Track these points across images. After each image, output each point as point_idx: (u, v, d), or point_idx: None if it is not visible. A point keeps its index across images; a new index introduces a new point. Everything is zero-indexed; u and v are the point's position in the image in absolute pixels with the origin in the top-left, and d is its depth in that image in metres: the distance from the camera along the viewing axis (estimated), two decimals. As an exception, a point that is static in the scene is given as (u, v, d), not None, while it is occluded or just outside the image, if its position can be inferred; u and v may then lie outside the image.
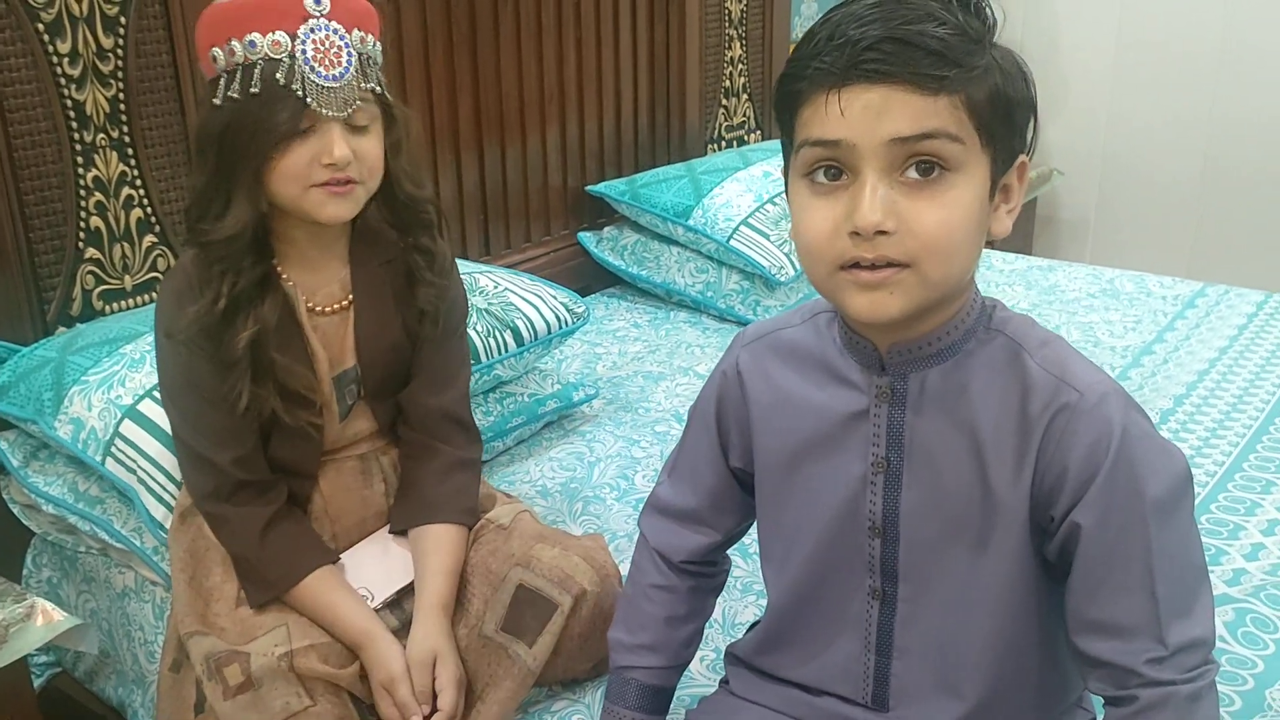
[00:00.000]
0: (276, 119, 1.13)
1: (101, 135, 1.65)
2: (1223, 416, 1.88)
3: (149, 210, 1.71)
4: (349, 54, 1.15)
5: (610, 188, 2.46)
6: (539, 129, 2.36)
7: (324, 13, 1.14)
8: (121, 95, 1.65)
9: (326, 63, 1.13)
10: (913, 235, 0.80)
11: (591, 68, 2.44)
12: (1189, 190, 3.34)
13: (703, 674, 1.28)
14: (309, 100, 1.13)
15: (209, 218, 1.18)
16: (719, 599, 1.18)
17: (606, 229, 2.53)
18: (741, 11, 2.80)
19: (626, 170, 2.59)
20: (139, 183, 1.70)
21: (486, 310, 1.74)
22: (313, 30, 1.13)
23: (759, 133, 2.96)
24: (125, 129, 1.67)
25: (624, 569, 1.45)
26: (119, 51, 1.64)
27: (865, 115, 0.79)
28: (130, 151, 1.68)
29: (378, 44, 1.21)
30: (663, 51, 2.61)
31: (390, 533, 1.34)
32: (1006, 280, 2.54)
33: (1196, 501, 1.62)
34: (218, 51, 1.15)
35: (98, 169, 1.65)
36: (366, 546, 1.34)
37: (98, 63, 1.62)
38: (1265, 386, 1.99)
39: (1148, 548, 0.84)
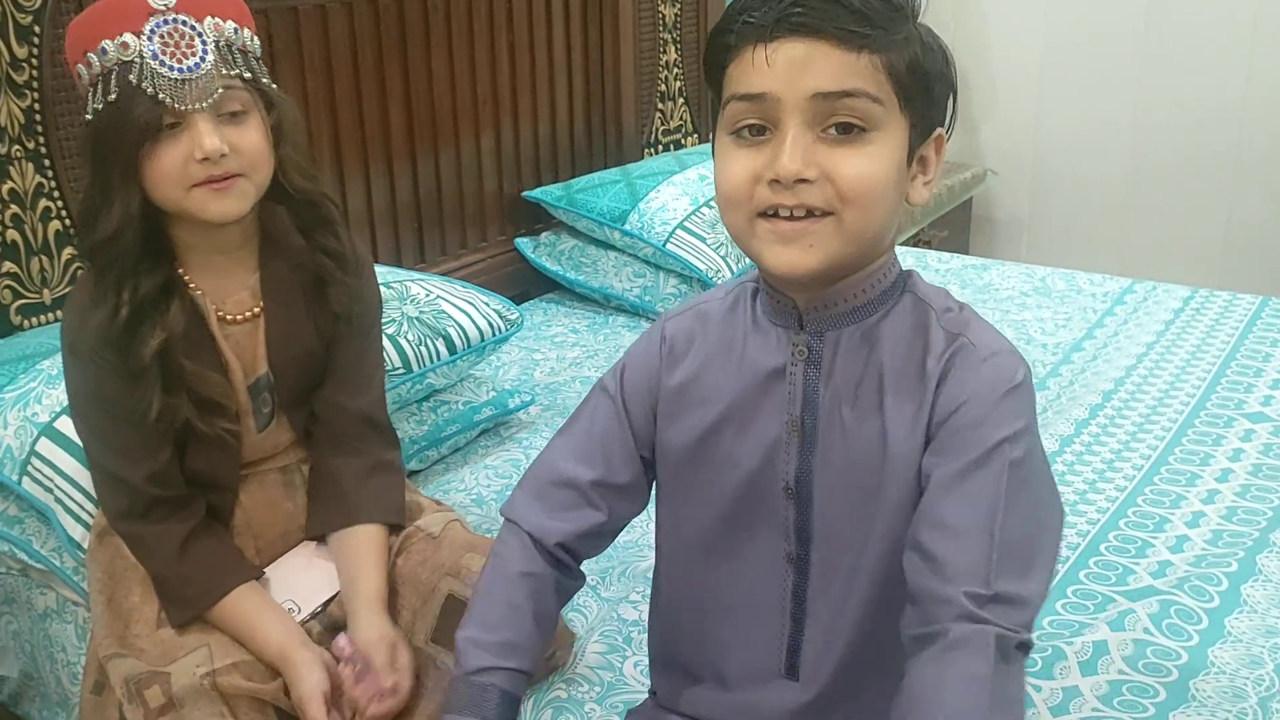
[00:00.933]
0: (135, 118, 1.11)
1: (17, 147, 1.61)
2: (1149, 411, 1.92)
3: (67, 223, 1.68)
4: (203, 43, 1.13)
5: (546, 193, 2.45)
6: (473, 135, 2.34)
7: (169, 6, 1.12)
8: (37, 106, 1.62)
9: (177, 55, 1.11)
10: (833, 183, 0.84)
11: (525, 73, 2.43)
12: (1117, 188, 3.40)
13: (636, 679, 1.28)
14: (161, 95, 1.11)
15: (93, 221, 1.16)
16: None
17: (544, 234, 2.52)
18: (675, 16, 2.80)
19: (563, 175, 2.58)
20: (56, 194, 1.66)
21: (418, 319, 1.72)
22: (158, 25, 1.11)
23: (695, 136, 2.97)
24: (41, 140, 1.63)
25: (558, 576, 1.44)
26: (33, 61, 1.61)
27: (790, 68, 0.82)
28: (47, 163, 1.65)
29: (245, 30, 1.18)
30: (597, 57, 2.61)
31: (308, 538, 1.32)
32: (943, 280, 2.57)
33: (1124, 495, 1.64)
34: (81, 67, 1.14)
35: (13, 181, 1.61)
36: (290, 559, 1.33)
37: (11, 73, 1.59)
38: (1190, 381, 2.03)
39: (999, 494, 0.85)
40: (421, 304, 1.75)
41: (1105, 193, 3.42)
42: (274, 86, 1.22)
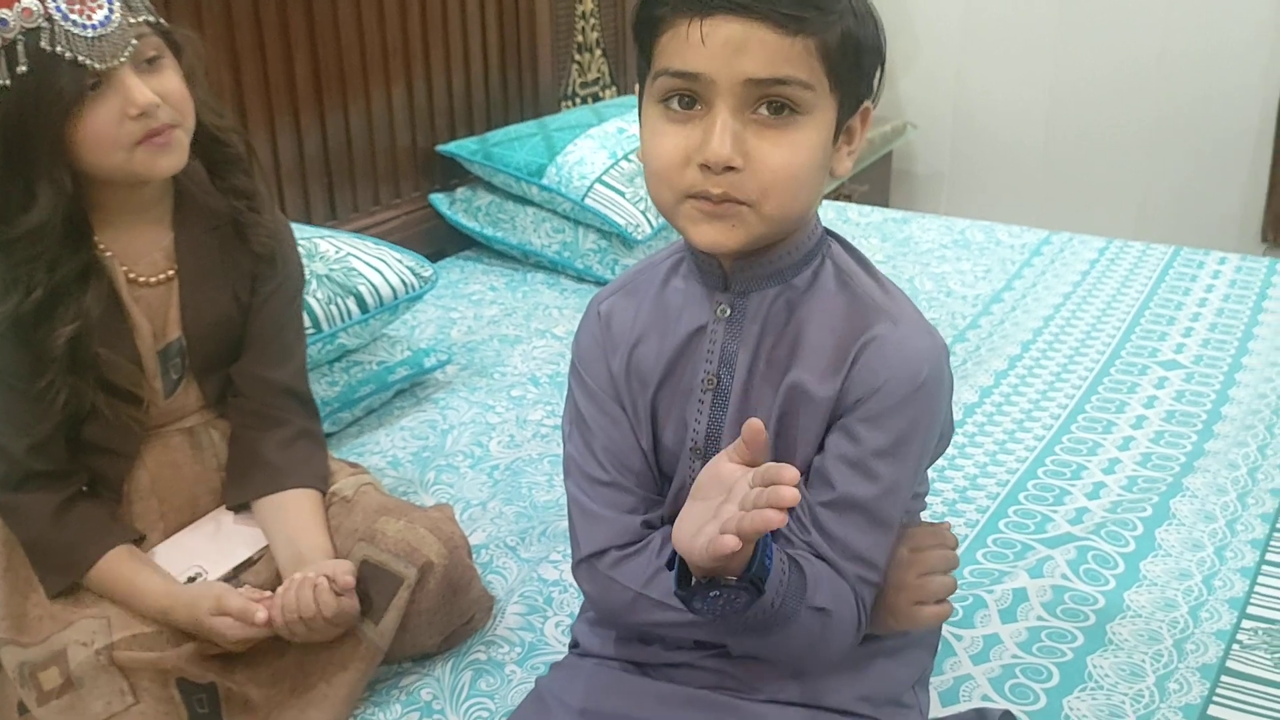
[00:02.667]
0: (57, 87, 1.04)
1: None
2: (1066, 361, 1.93)
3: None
4: None
5: (461, 147, 2.38)
6: (384, 87, 2.27)
7: None
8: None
9: (85, 11, 1.05)
10: (757, 175, 0.83)
11: (437, 23, 2.35)
12: (1037, 141, 3.43)
13: (558, 639, 1.26)
14: (80, 57, 1.04)
15: (10, 214, 1.08)
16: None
17: (459, 190, 2.45)
18: (592, -35, 2.74)
19: (478, 129, 2.52)
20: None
21: (327, 276, 1.66)
22: None
23: (614, 89, 2.91)
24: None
25: (477, 538, 1.41)
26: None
27: (725, 50, 0.81)
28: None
29: None
30: (511, 6, 2.53)
31: (228, 509, 1.27)
32: (863, 233, 2.57)
33: (1042, 444, 1.66)
34: None
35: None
36: (200, 526, 1.27)
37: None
38: (1106, 331, 2.05)
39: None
40: (331, 261, 1.69)
41: (1024, 146, 3.45)
42: (164, 23, 1.16)
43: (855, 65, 0.86)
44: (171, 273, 1.22)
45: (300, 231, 1.74)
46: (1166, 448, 1.64)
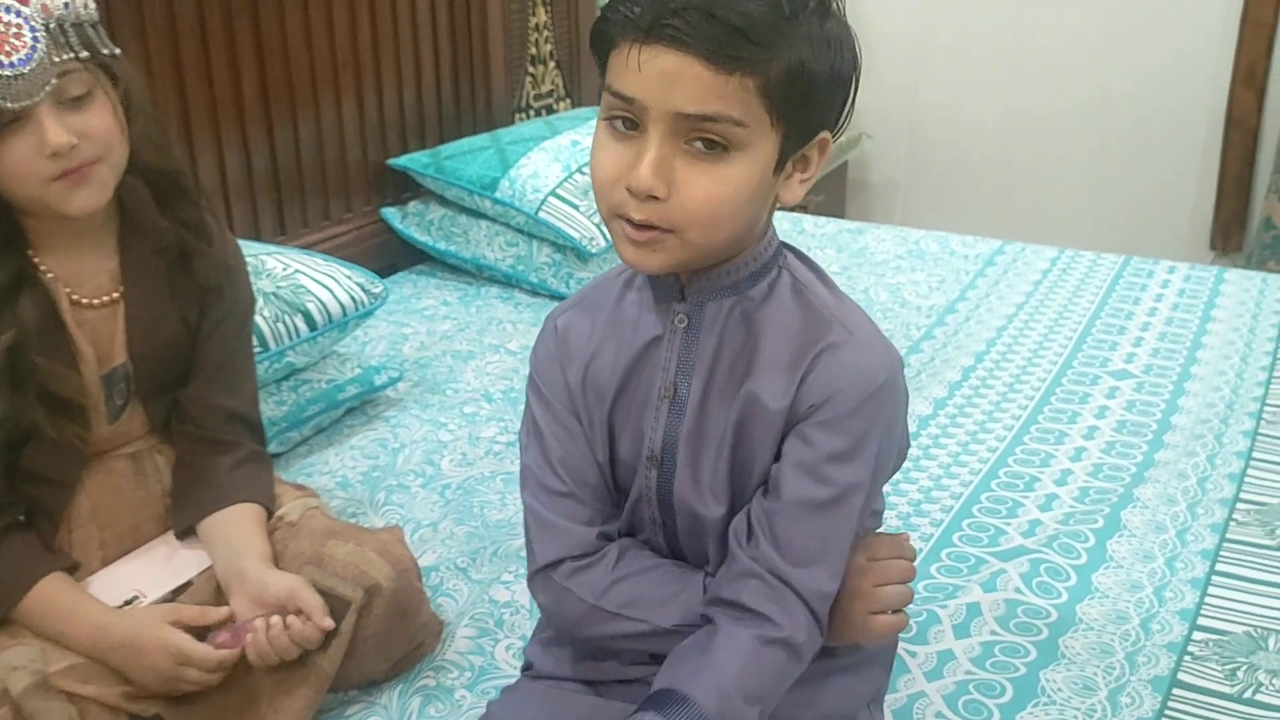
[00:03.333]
0: None
1: None
2: (1019, 371, 1.94)
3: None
4: (31, 31, 1.04)
5: (413, 161, 2.36)
6: (333, 100, 2.24)
7: None
8: None
9: (5, 50, 1.02)
10: (679, 206, 0.83)
11: (387, 35, 2.33)
12: (990, 151, 3.46)
13: (509, 662, 1.24)
14: None
15: None
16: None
17: (412, 204, 2.43)
18: (545, -23, 2.73)
19: (430, 142, 2.49)
20: None
21: (275, 294, 1.63)
22: None
23: (568, 101, 2.90)
24: None
25: (427, 560, 1.39)
26: None
27: (660, 80, 0.81)
28: None
29: (79, 3, 1.09)
30: (463, 18, 2.51)
31: (176, 535, 1.24)
32: (819, 244, 2.57)
33: (996, 455, 1.66)
34: None
35: None
36: (141, 553, 1.24)
37: None
38: (1058, 341, 2.06)
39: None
40: (279, 279, 1.67)
41: (979, 156, 3.47)
42: (118, 53, 1.13)
43: (805, 98, 0.84)
44: (117, 295, 1.20)
45: (248, 249, 1.70)
46: (1118, 458, 1.65)
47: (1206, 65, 3.12)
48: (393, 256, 2.41)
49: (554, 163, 2.30)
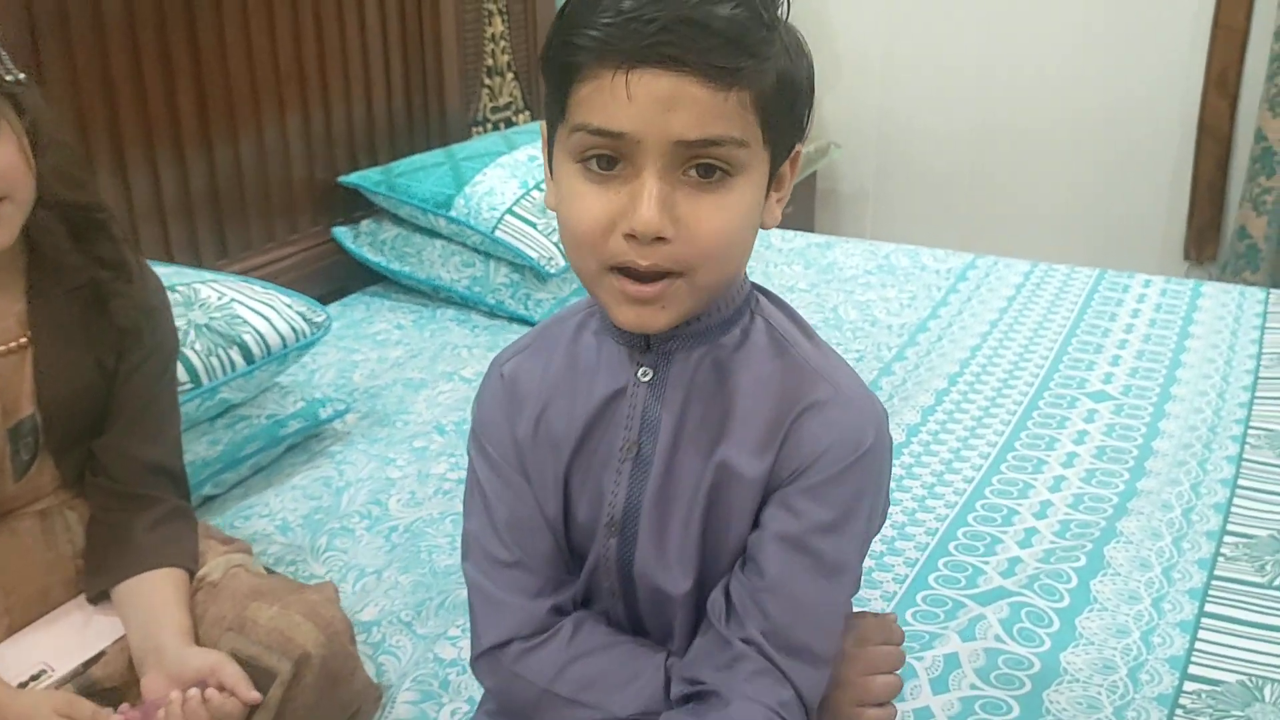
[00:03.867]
0: None
1: None
2: (994, 394, 1.87)
3: None
4: None
5: (364, 178, 2.26)
6: (277, 116, 2.14)
7: None
8: None
9: None
10: (690, 243, 0.75)
11: (334, 47, 2.23)
12: (960, 161, 3.39)
13: (454, 731, 1.15)
14: None
15: None
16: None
17: (364, 223, 2.33)
18: (501, -15, 2.64)
19: (383, 158, 2.40)
20: None
21: (207, 326, 1.53)
22: None
23: (527, 113, 2.81)
24: None
25: (368, 613, 1.30)
26: None
27: (653, 107, 0.72)
28: None
29: None
30: (415, 28, 2.42)
31: (89, 600, 1.14)
32: (785, 259, 2.49)
33: (972, 486, 1.59)
34: None
35: None
36: (51, 621, 1.14)
37: None
38: (1033, 361, 1.99)
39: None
40: (212, 309, 1.57)
41: (949, 166, 3.41)
42: (22, 79, 1.04)
43: (790, 111, 0.78)
44: (24, 340, 1.11)
45: (180, 276, 1.62)
46: (1098, 487, 1.58)
47: (1178, 72, 3.07)
48: (345, 278, 2.32)
49: (511, 179, 2.21)
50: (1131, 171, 3.20)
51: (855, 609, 0.93)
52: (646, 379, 0.85)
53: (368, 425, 1.77)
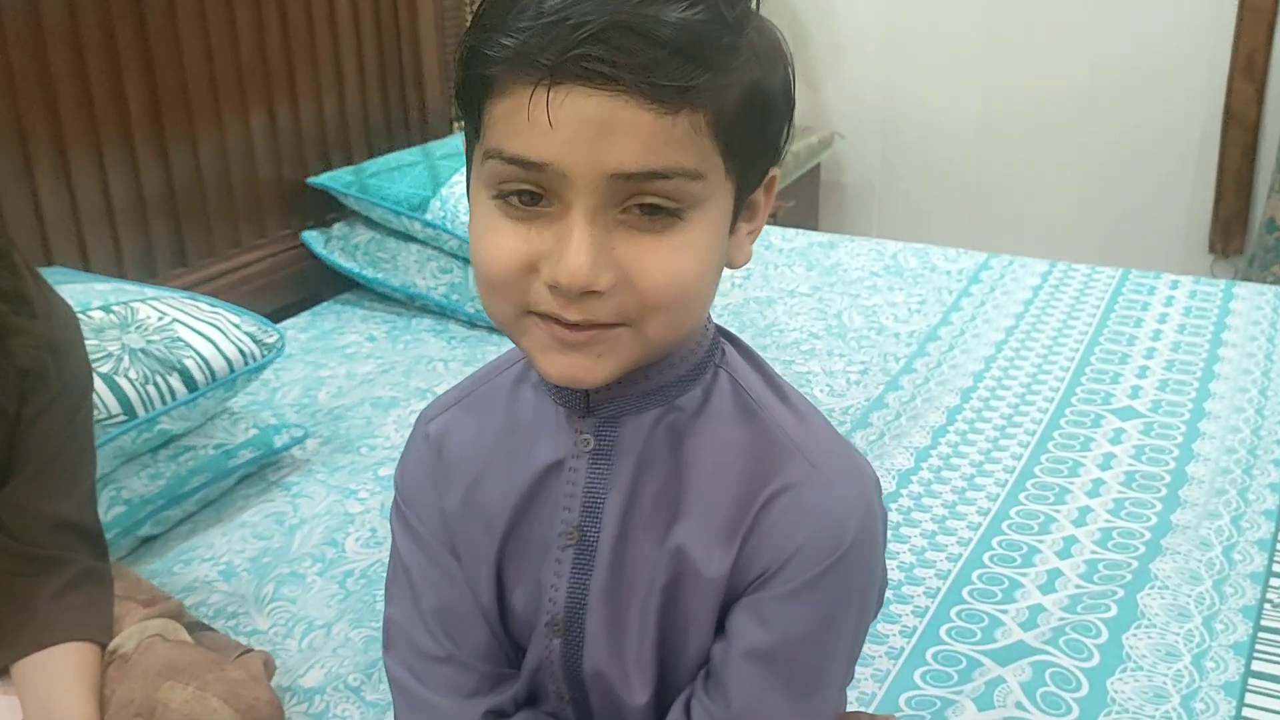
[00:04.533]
0: None
1: None
2: (1011, 411, 1.72)
3: None
4: None
5: (334, 179, 2.12)
6: (240, 113, 1.99)
7: None
8: None
9: None
10: (633, 292, 0.62)
11: (302, 38, 2.09)
12: (970, 149, 3.24)
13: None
14: None
15: None
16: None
17: (336, 226, 2.19)
18: (484, -30, 2.48)
19: (358, 157, 2.25)
20: None
21: (143, 351, 1.39)
22: None
23: (514, 106, 2.66)
24: None
25: (312, 678, 1.16)
26: None
27: (582, 134, 0.58)
28: None
29: None
30: (390, 18, 2.27)
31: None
32: (786, 260, 2.34)
33: (988, 519, 1.44)
34: None
35: None
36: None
37: None
38: (1053, 373, 1.84)
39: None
40: (150, 331, 1.43)
41: (958, 154, 3.25)
42: None
43: (760, 130, 0.63)
44: None
45: (118, 294, 1.48)
46: (1128, 520, 1.43)
47: (1202, 55, 2.90)
48: (317, 284, 2.18)
49: (490, 179, 2.06)
50: (1152, 159, 3.04)
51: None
52: (588, 448, 0.71)
53: (329, 452, 1.63)
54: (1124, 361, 1.86)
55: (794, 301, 2.11)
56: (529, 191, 0.60)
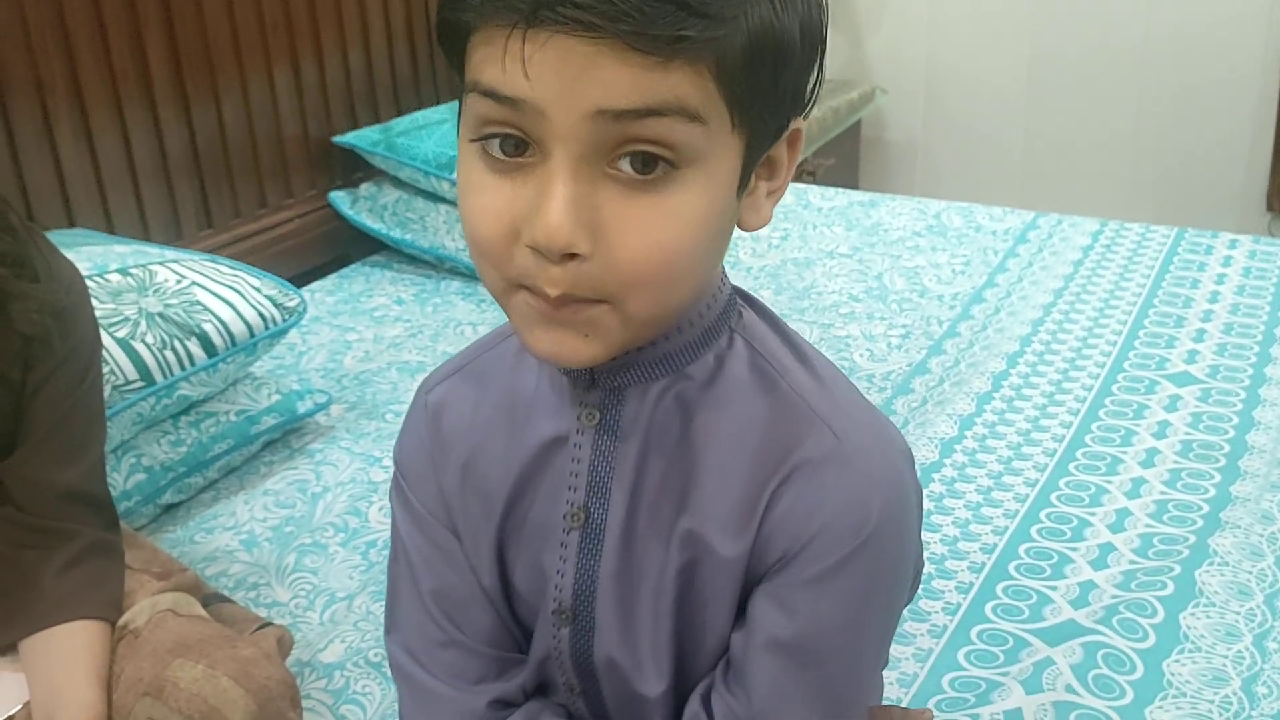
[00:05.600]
0: None
1: None
2: (1060, 377, 1.65)
3: None
4: None
5: (360, 137, 2.07)
6: (264, 71, 1.95)
7: None
8: None
9: None
10: (614, 264, 0.54)
11: (326, -9, 2.04)
12: (1017, 103, 3.13)
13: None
14: None
15: None
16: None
17: (363, 186, 2.14)
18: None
19: (385, 114, 2.20)
20: None
21: (161, 315, 1.36)
22: None
23: (546, 62, 2.59)
24: None
25: (332, 653, 1.13)
26: None
27: (562, 72, 0.51)
28: None
29: None
30: (417, -31, 2.21)
31: (-6, 652, 0.99)
32: (825, 220, 2.27)
33: (1036, 490, 1.38)
34: None
35: None
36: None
37: None
38: (1105, 335, 1.76)
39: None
40: (168, 295, 1.39)
41: (1005, 108, 3.14)
42: None
43: (773, 79, 0.55)
44: None
45: (137, 257, 1.44)
46: (1185, 493, 1.36)
47: (1262, 5, 2.77)
48: (345, 245, 2.14)
49: (519, 136, 2.01)
50: (1209, 114, 2.91)
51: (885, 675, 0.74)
52: (593, 423, 0.65)
53: (354, 418, 1.59)
54: (1179, 324, 1.78)
55: (833, 263, 2.04)
56: (511, 137, 0.54)
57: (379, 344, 1.81)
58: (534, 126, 0.53)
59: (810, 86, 0.59)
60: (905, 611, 0.74)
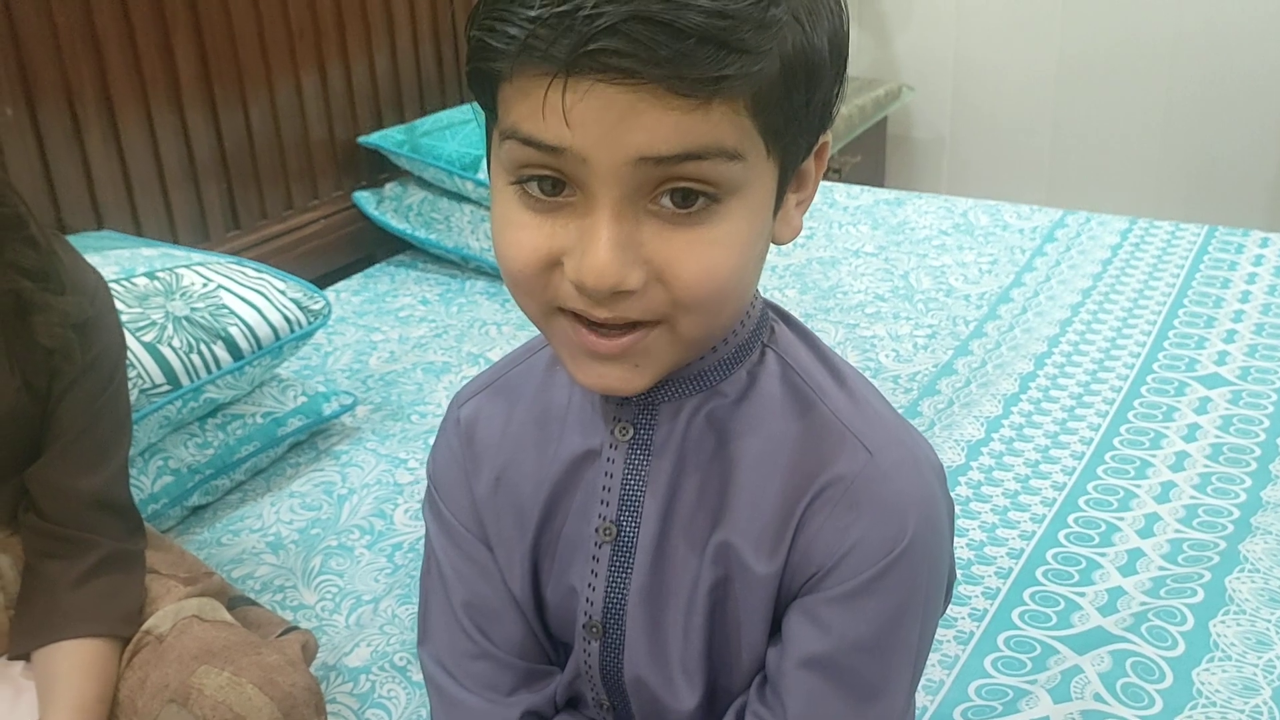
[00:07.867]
0: None
1: None
2: (1088, 379, 1.63)
3: None
4: None
5: (385, 138, 2.08)
6: (290, 74, 1.96)
7: None
8: None
9: None
10: (666, 289, 0.55)
11: (352, -7, 2.04)
12: (1046, 101, 3.10)
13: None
14: None
15: None
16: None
17: (388, 186, 2.15)
18: (538, -80, 2.41)
19: (410, 115, 2.21)
20: None
21: (188, 319, 1.37)
22: None
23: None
24: None
25: (357, 657, 1.13)
26: None
27: (603, 120, 0.51)
28: None
29: None
30: (442, -29, 2.22)
31: (10, 658, 0.99)
32: (851, 219, 2.26)
33: (1064, 494, 1.37)
34: None
35: None
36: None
37: None
38: (1134, 337, 1.74)
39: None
40: (195, 299, 1.40)
41: (1032, 106, 3.12)
42: None
43: (806, 101, 0.56)
44: None
45: (161, 260, 1.45)
46: (1215, 497, 1.35)
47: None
48: (370, 245, 2.15)
49: (544, 137, 2.01)
50: (1240, 111, 2.88)
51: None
52: (626, 438, 0.66)
53: (380, 419, 1.60)
54: (1210, 325, 1.76)
55: (859, 262, 2.03)
56: (549, 178, 0.54)
57: (404, 344, 1.82)
58: (575, 171, 0.53)
59: (835, 98, 0.59)
60: (914, 705, 0.73)
